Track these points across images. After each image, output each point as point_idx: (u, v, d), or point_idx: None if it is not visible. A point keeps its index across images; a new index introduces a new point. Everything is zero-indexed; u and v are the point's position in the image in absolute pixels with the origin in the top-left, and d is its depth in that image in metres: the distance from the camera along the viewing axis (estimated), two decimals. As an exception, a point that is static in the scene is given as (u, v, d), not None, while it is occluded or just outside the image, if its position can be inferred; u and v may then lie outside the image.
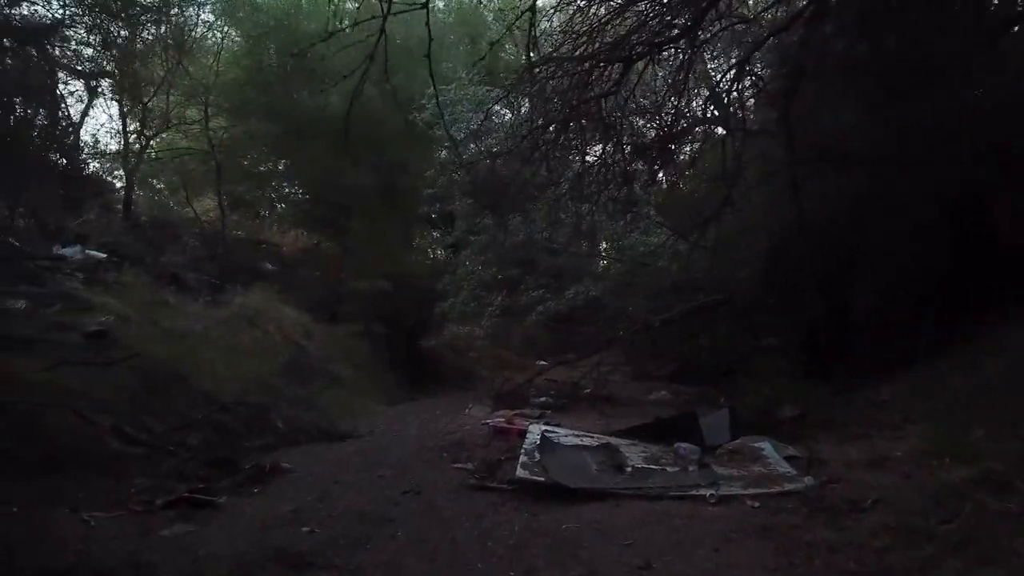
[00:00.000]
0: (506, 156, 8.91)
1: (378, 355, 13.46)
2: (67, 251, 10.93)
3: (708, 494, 5.47)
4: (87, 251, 11.14)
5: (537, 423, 8.15)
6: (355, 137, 14.10)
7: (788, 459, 6.53)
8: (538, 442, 6.71)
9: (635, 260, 11.01)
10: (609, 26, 7.33)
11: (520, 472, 5.88)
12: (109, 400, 7.05)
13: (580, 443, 7.02)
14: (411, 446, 7.84)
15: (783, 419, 8.10)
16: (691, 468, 6.28)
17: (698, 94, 10.45)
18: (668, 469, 6.30)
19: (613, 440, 7.25)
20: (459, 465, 6.80)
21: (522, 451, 6.52)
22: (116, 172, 15.63)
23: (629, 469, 6.21)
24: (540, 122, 7.24)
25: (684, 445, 6.82)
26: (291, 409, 9.00)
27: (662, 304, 10.32)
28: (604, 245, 11.38)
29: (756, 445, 6.98)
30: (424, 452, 7.45)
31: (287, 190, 16.88)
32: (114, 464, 6.08)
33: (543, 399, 11.05)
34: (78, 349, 7.72)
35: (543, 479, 5.75)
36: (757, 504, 5.29)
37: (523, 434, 7.48)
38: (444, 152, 10.44)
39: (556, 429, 7.62)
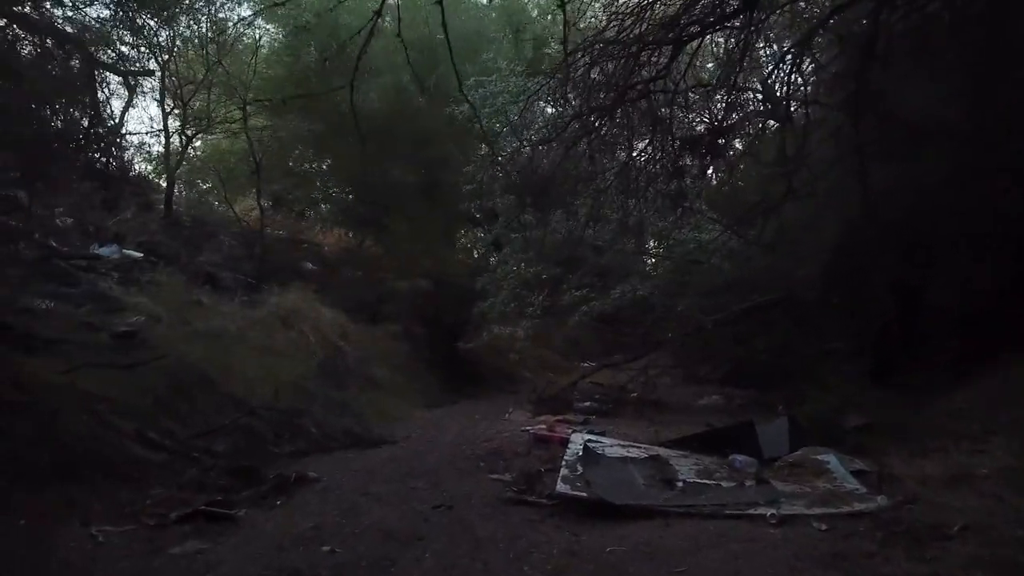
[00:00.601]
0: (548, 148, 8.47)
1: (417, 356, 13.15)
2: (104, 251, 10.85)
3: (768, 513, 4.95)
4: (124, 251, 11.05)
5: (580, 431, 7.70)
6: (396, 133, 13.93)
7: (855, 474, 5.99)
8: (581, 453, 6.26)
9: (685, 258, 10.43)
10: (658, 4, 6.82)
11: (561, 487, 5.45)
12: (134, 403, 6.82)
13: (626, 455, 6.54)
14: (447, 454, 7.47)
15: (848, 429, 7.52)
16: (748, 483, 5.75)
17: (752, 81, 9.85)
18: (723, 484, 5.78)
19: (662, 451, 6.75)
20: (496, 476, 6.41)
21: (563, 463, 6.09)
22: (159, 172, 15.58)
23: (680, 484, 5.71)
24: (584, 109, 6.74)
25: (740, 457, 6.30)
26: (325, 413, 8.73)
27: (714, 304, 9.73)
28: (652, 242, 10.80)
29: (820, 458, 6.41)
30: (460, 461, 7.08)
31: (329, 189, 16.67)
32: (134, 471, 5.84)
33: (587, 404, 10.59)
34: (106, 350, 7.54)
35: (586, 495, 5.30)
36: (824, 527, 4.75)
37: (565, 443, 7.05)
38: (485, 147, 10.00)
39: (601, 439, 7.14)
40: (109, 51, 13.53)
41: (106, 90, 13.60)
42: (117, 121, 13.63)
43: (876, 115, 7.65)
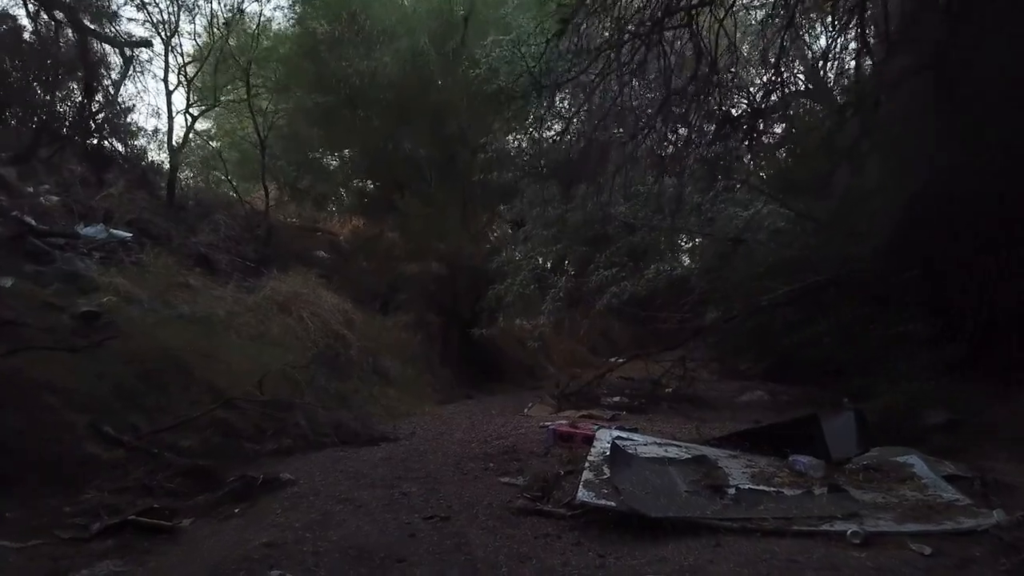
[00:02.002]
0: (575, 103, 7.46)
1: (430, 347, 12.18)
2: (89, 230, 10.05)
3: (849, 531, 3.90)
4: (112, 230, 10.24)
5: (607, 427, 6.62)
6: (411, 106, 13.02)
7: (948, 480, 4.89)
8: (608, 453, 5.20)
9: (728, 236, 9.28)
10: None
11: (583, 494, 4.42)
12: (90, 393, 5.99)
13: (664, 454, 5.46)
14: (453, 453, 6.49)
15: (927, 426, 6.40)
16: (818, 491, 4.66)
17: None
18: (785, 492, 4.69)
19: (707, 451, 5.67)
20: (507, 479, 5.42)
21: (586, 464, 5.05)
22: (161, 151, 14.89)
23: (732, 491, 4.64)
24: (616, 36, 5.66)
25: (803, 458, 5.22)
26: (319, 407, 7.80)
27: (760, 287, 8.59)
28: (692, 217, 9.66)
29: (901, 460, 5.34)
30: (466, 461, 6.09)
31: (344, 173, 15.78)
32: (79, 473, 4.96)
33: (616, 399, 9.55)
34: (65, 333, 6.69)
35: (614, 504, 4.27)
36: (928, 550, 3.67)
37: (590, 441, 6.01)
38: (509, 113, 8.95)
39: (632, 436, 6.07)
40: (110, 24, 12.99)
41: (107, 69, 13.18)
42: (113, 94, 13.04)
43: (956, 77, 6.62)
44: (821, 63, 8.98)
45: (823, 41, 9.56)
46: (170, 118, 14.31)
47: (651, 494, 4.49)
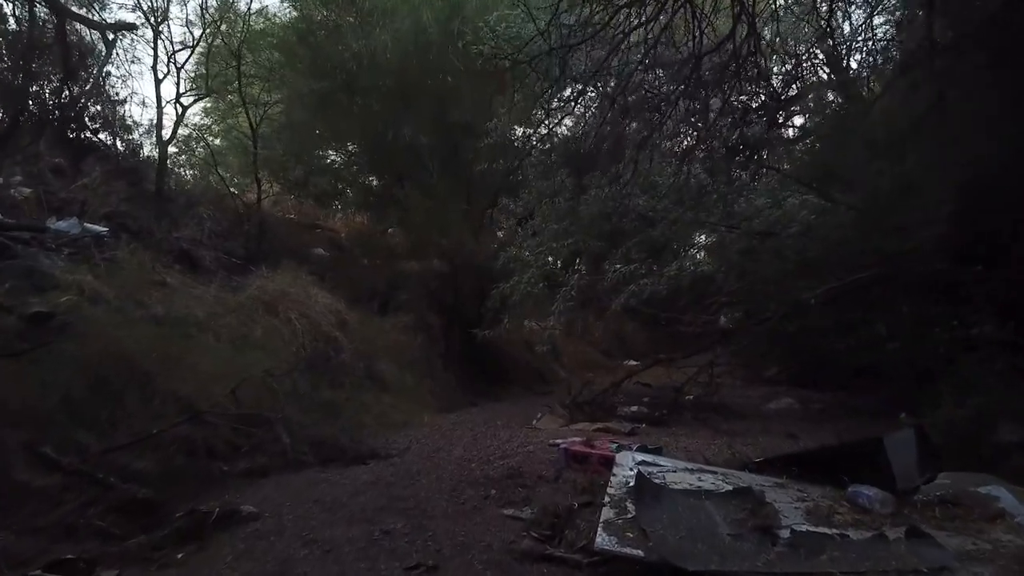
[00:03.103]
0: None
1: (432, 350, 11.35)
2: (61, 224, 9.31)
3: (942, 592, 3.04)
4: (86, 224, 9.49)
5: (629, 448, 5.77)
6: (412, 91, 12.25)
7: (1046, 516, 4.04)
8: (632, 483, 4.35)
9: (756, 230, 8.39)
10: None
11: (603, 539, 3.60)
12: (33, 406, 5.23)
13: (699, 484, 4.59)
14: (449, 475, 5.66)
15: (1002, 445, 5.53)
16: (891, 534, 3.79)
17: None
18: (851, 535, 3.83)
19: (749, 478, 4.82)
20: (511, 511, 4.60)
21: (606, 497, 4.20)
22: (148, 142, 14.16)
23: (785, 534, 3.78)
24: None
25: (868, 490, 4.34)
26: (303, 419, 7.03)
27: (796, 285, 7.73)
28: (717, 207, 8.78)
29: (983, 491, 4.46)
30: (464, 486, 5.27)
31: (336, 161, 14.98)
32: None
33: (634, 409, 8.70)
34: (11, 336, 5.93)
35: (641, 553, 3.45)
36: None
37: (608, 462, 5.17)
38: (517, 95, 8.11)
39: (658, 459, 5.21)
40: (97, 12, 12.33)
41: (93, 57, 12.50)
42: (94, 80, 12.34)
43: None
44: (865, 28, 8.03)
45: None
46: (159, 107, 13.63)
47: (686, 538, 3.65)
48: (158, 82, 13.72)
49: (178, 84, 13.95)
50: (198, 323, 8.03)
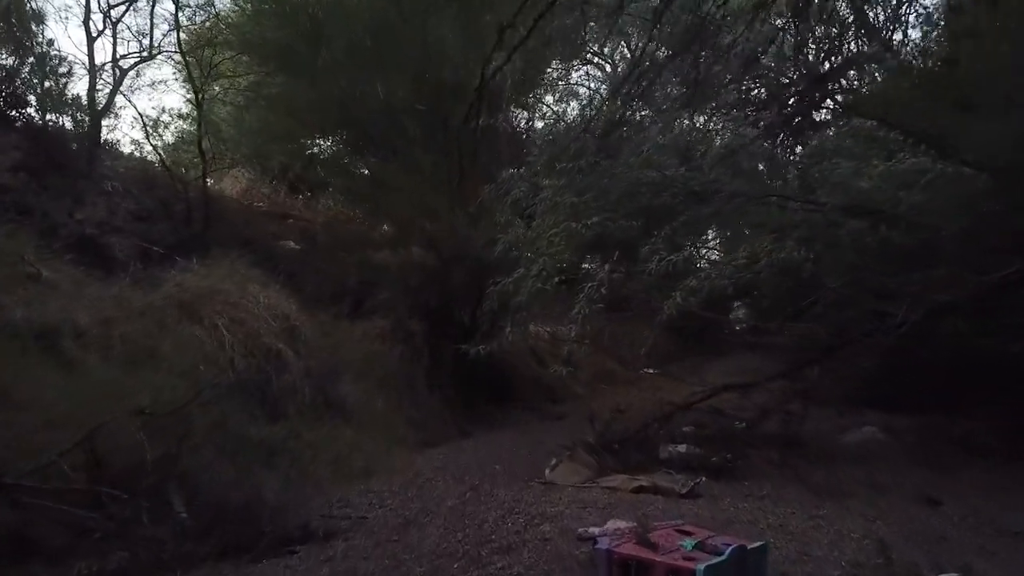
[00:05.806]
0: None
1: (414, 364, 9.07)
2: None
3: None
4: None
5: (711, 538, 3.48)
6: (393, 46, 10.11)
7: None
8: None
9: (852, 206, 6.08)
10: None
11: None
12: None
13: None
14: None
15: None
16: None
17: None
18: None
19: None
20: None
21: None
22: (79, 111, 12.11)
23: None
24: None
25: None
26: (214, 474, 4.84)
27: (936, 279, 5.56)
28: (792, 175, 6.60)
29: None
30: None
31: (297, 130, 12.79)
32: None
33: (681, 449, 6.45)
34: None
35: None
36: None
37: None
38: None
39: None
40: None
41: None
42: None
43: None
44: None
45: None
46: (92, 71, 11.62)
47: None
48: (91, 40, 11.77)
49: (114, 44, 12.14)
50: (77, 333, 5.87)
